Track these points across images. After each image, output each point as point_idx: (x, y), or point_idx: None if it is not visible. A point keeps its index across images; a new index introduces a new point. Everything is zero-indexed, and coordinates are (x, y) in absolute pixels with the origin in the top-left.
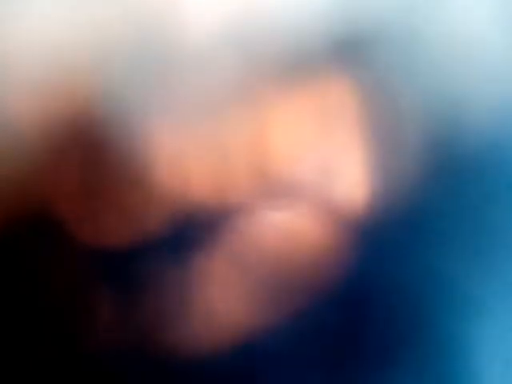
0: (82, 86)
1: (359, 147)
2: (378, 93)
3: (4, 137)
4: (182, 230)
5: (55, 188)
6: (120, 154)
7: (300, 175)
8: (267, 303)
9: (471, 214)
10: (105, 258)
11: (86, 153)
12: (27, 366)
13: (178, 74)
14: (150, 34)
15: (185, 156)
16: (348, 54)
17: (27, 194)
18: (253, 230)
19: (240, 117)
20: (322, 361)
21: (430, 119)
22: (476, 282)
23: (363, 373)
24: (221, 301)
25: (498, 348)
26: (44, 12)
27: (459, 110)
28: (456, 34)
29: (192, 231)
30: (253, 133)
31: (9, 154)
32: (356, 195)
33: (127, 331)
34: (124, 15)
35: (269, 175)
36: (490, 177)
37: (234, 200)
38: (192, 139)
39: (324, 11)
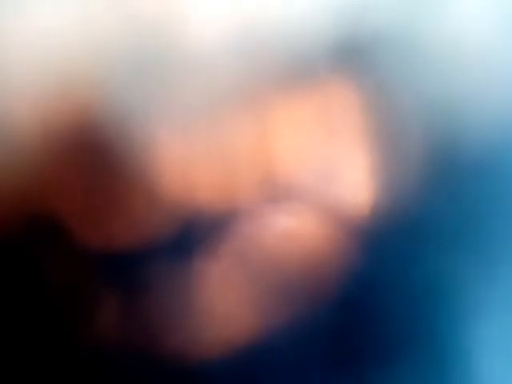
0: (83, 91)
1: (362, 151)
2: (380, 97)
3: (5, 141)
4: (187, 234)
5: (59, 193)
6: (124, 158)
7: (304, 179)
8: (271, 306)
9: (473, 217)
10: (109, 261)
11: (89, 157)
12: (29, 367)
13: (180, 79)
14: (152, 40)
15: (189, 160)
16: (349, 60)
17: (30, 198)
18: (257, 233)
19: (243, 121)
20: (324, 362)
21: (431, 123)
22: (477, 284)
23: (364, 374)
24: (225, 303)
25: (498, 349)
26: (44, 18)
27: (460, 114)
28: (456, 39)
29: (196, 235)
30: (256, 137)
31: (11, 159)
32: (359, 199)
33: (131, 333)
34: (126, 21)
35: (273, 179)
36: (491, 180)
37: (238, 204)
38: (196, 143)
39: (325, 17)
